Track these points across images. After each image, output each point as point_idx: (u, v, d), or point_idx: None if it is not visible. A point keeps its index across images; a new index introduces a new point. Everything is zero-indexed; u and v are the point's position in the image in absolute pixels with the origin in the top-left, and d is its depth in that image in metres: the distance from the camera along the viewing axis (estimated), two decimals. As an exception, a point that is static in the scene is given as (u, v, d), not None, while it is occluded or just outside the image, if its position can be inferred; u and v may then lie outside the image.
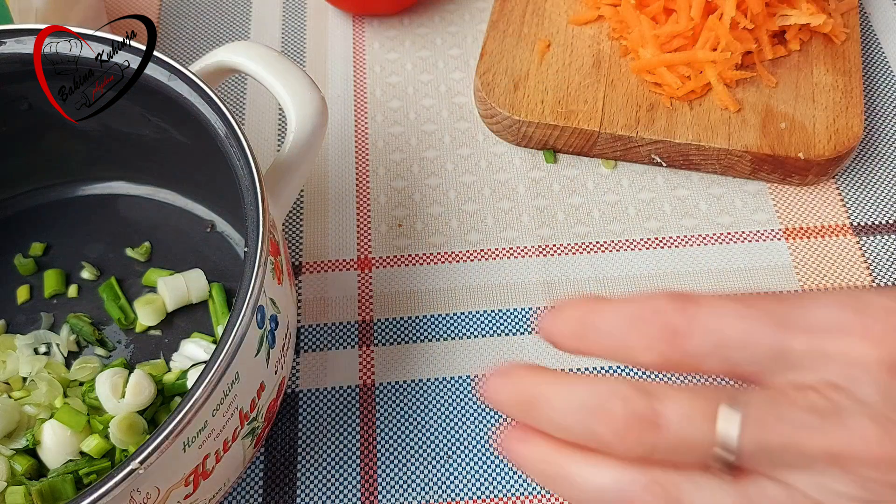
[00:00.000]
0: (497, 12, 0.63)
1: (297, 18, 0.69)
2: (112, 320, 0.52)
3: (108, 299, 0.52)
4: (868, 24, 0.68)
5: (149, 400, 0.46)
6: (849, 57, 0.61)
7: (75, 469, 0.45)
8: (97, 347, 0.51)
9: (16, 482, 0.45)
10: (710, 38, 0.58)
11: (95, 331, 0.51)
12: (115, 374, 0.47)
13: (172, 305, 0.51)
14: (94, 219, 0.55)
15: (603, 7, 0.63)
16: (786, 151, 0.56)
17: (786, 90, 0.59)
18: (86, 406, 0.47)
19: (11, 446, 0.46)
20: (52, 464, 0.46)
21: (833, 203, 0.58)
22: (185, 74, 0.43)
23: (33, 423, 0.47)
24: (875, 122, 0.63)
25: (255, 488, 0.49)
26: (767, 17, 0.60)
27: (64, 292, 0.53)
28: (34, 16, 0.57)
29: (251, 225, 0.39)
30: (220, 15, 0.70)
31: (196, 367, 0.48)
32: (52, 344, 0.51)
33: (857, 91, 0.59)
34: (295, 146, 0.45)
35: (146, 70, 0.44)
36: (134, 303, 0.52)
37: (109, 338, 0.51)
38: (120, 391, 0.46)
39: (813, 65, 0.60)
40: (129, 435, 0.45)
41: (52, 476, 0.45)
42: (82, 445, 0.46)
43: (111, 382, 0.46)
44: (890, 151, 0.61)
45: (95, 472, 0.45)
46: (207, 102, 0.42)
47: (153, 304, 0.51)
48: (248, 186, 0.40)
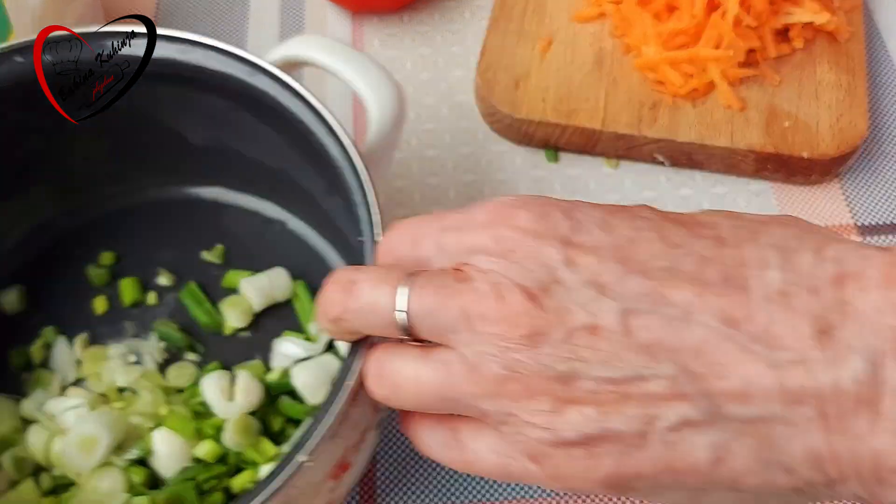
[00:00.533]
0: (498, 9, 0.62)
1: (295, 16, 0.67)
2: (196, 325, 0.49)
3: (192, 304, 0.49)
4: (872, 22, 0.66)
5: (259, 401, 0.45)
6: (853, 55, 0.60)
7: (193, 476, 0.43)
8: (188, 353, 0.48)
9: (136, 493, 0.43)
10: (713, 36, 0.56)
11: (185, 336, 0.48)
12: (219, 377, 0.45)
13: (259, 306, 0.49)
14: (160, 224, 0.52)
15: (605, 4, 0.62)
16: (789, 150, 0.55)
17: (789, 88, 0.58)
18: (190, 412, 0.45)
19: (124, 457, 0.44)
20: (166, 472, 0.44)
21: (837, 203, 0.57)
22: (268, 71, 0.42)
23: (141, 434, 0.44)
24: (879, 120, 0.61)
25: None
26: (771, 14, 0.58)
27: (143, 300, 0.50)
28: (30, 15, 0.53)
29: (364, 223, 0.38)
30: (217, 12, 0.67)
31: (298, 365, 0.46)
32: (143, 353, 0.48)
33: (861, 89, 0.58)
34: (377, 140, 0.44)
35: (229, 69, 0.42)
36: (219, 305, 0.49)
37: (198, 342, 0.49)
38: (228, 394, 0.44)
39: (817, 63, 0.60)
40: (245, 437, 0.44)
41: (173, 485, 0.43)
42: (195, 451, 0.44)
43: (219, 386, 0.44)
44: (894, 150, 0.60)
45: (215, 477, 0.43)
46: (295, 96, 0.41)
47: (240, 306, 0.49)
48: (354, 186, 0.39)
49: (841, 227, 0.56)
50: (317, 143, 0.41)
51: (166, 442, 0.44)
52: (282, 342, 0.48)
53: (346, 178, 0.39)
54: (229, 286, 0.50)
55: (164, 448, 0.43)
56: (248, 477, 0.44)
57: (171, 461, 0.44)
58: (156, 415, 0.45)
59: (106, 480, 0.43)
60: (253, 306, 0.49)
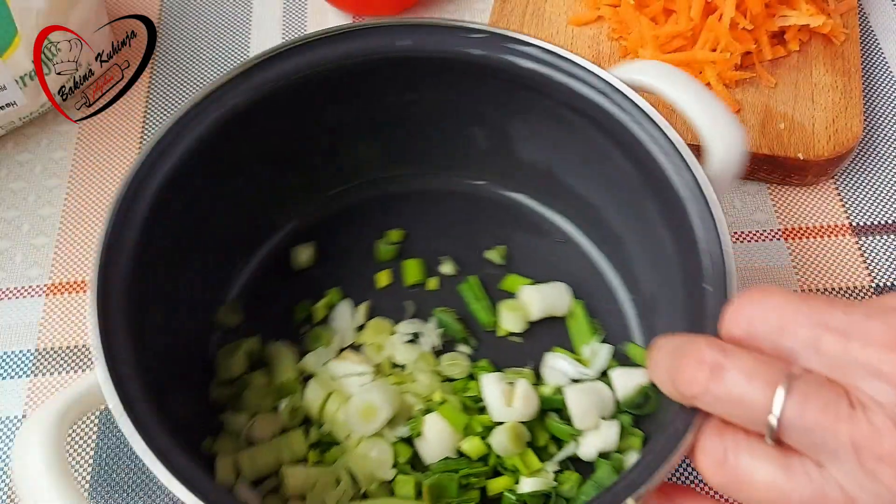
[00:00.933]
0: (497, 13, 0.62)
1: (297, 19, 0.68)
2: (472, 319, 0.50)
3: (472, 298, 0.49)
4: (867, 25, 0.66)
5: (535, 412, 0.44)
6: (848, 57, 0.60)
7: (456, 468, 0.43)
8: (461, 345, 0.49)
9: (400, 471, 0.43)
10: (710, 39, 0.57)
11: (463, 328, 0.49)
12: (500, 379, 0.45)
13: (536, 315, 0.49)
14: (451, 214, 0.53)
15: (602, 7, 0.62)
16: (785, 152, 0.55)
17: (785, 90, 0.58)
18: (460, 404, 0.45)
19: (394, 433, 0.44)
20: (428, 458, 0.44)
21: (832, 203, 0.57)
22: (621, 91, 0.42)
23: (411, 413, 0.45)
24: (874, 122, 0.61)
25: None
26: (767, 17, 0.58)
27: (423, 283, 0.51)
28: (34, 16, 0.55)
29: (709, 270, 0.37)
30: (220, 15, 0.69)
31: (572, 387, 0.45)
32: (422, 335, 0.48)
33: (856, 91, 0.58)
34: (714, 165, 0.42)
35: (575, 84, 0.43)
36: (498, 305, 0.49)
37: (471, 336, 0.49)
38: (508, 398, 0.44)
39: (812, 65, 0.59)
40: (516, 444, 0.43)
41: (437, 473, 0.43)
42: (462, 445, 0.44)
43: (501, 388, 0.44)
44: (889, 151, 0.59)
45: (476, 475, 0.43)
46: (647, 120, 0.41)
47: (519, 312, 0.48)
48: (701, 225, 0.38)
49: (836, 228, 0.56)
50: (659, 172, 0.40)
51: (437, 428, 0.44)
52: (555, 357, 0.47)
53: (690, 215, 0.39)
54: (507, 289, 0.50)
55: (433, 434, 0.44)
56: (505, 483, 0.44)
57: (437, 448, 0.44)
58: (428, 398, 0.46)
59: (375, 450, 0.44)
60: (530, 314, 0.49)
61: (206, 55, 0.66)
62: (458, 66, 0.45)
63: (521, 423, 0.44)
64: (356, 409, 0.44)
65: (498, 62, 0.44)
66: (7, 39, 0.55)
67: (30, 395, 0.51)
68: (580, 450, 0.44)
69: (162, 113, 0.63)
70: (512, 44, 0.44)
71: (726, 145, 0.41)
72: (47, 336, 0.53)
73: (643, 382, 0.45)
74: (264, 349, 0.48)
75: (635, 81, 0.43)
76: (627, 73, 0.43)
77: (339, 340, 0.48)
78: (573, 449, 0.44)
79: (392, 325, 0.49)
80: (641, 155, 0.42)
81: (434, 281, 0.51)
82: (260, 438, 0.44)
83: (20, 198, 0.59)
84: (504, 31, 0.44)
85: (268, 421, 0.45)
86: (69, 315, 0.54)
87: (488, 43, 0.44)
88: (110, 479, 0.48)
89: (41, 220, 0.58)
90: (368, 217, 0.53)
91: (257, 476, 0.44)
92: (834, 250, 0.55)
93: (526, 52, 0.44)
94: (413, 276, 0.51)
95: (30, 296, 0.55)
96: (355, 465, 0.43)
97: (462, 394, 0.46)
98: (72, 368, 0.52)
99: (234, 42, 0.67)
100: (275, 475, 0.44)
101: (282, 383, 0.46)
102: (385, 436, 0.44)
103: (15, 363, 0.52)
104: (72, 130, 0.62)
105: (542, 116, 0.46)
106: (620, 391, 0.45)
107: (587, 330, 0.48)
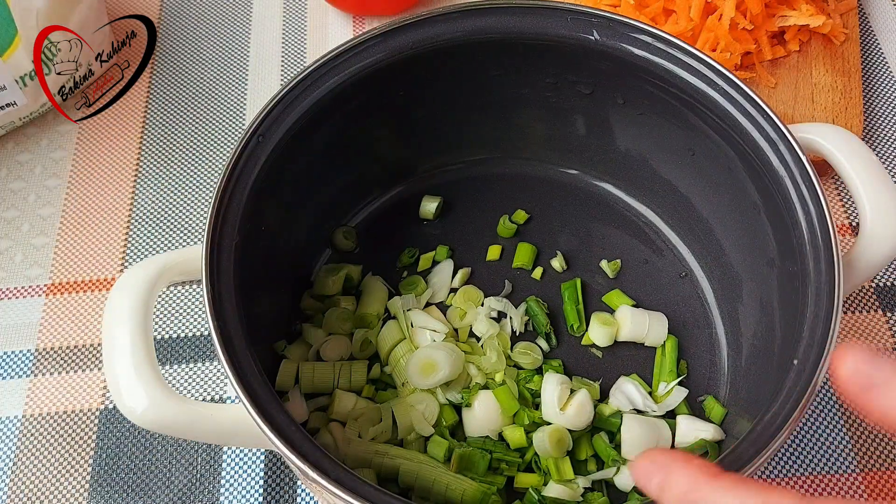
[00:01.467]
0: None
1: (297, 18, 0.66)
2: (560, 318, 0.50)
3: (568, 300, 0.49)
4: (867, 25, 0.64)
5: (585, 425, 0.44)
6: (848, 58, 0.57)
7: (492, 449, 0.44)
8: (541, 339, 0.49)
9: (439, 432, 0.45)
10: (710, 39, 0.56)
11: (549, 323, 0.49)
12: (562, 381, 0.45)
13: (625, 338, 0.48)
14: (580, 212, 0.53)
15: (602, 7, 0.63)
16: None
17: (785, 91, 0.57)
18: (518, 392, 0.46)
19: (446, 395, 0.45)
20: (470, 431, 0.45)
21: (832, 203, 0.56)
22: (787, 139, 0.40)
23: (468, 383, 0.46)
24: (874, 122, 0.59)
25: (255, 486, 0.47)
26: (767, 17, 0.57)
27: (529, 269, 0.51)
28: (34, 16, 0.54)
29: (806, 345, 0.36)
30: (220, 15, 0.67)
31: (632, 415, 0.45)
32: (509, 316, 0.49)
33: (856, 92, 0.57)
34: (861, 254, 0.40)
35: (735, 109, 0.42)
36: (592, 315, 0.49)
37: (554, 336, 0.49)
38: (563, 401, 0.44)
39: (812, 65, 0.56)
40: (556, 449, 0.43)
41: (473, 446, 0.44)
42: (505, 430, 0.44)
43: (559, 390, 0.44)
44: (889, 151, 0.58)
45: (508, 464, 0.44)
46: (804, 180, 0.40)
47: (609, 327, 0.48)
48: (813, 293, 0.37)
49: (836, 228, 0.56)
50: (797, 228, 0.39)
51: (487, 406, 0.45)
52: (627, 383, 0.47)
53: (809, 279, 0.37)
54: (606, 302, 0.50)
55: (482, 410, 0.45)
56: (533, 481, 0.44)
57: (482, 424, 0.45)
58: (490, 376, 0.46)
59: (423, 404, 0.45)
60: (620, 334, 0.48)
61: (206, 55, 0.65)
62: (575, 51, 0.45)
63: (568, 430, 0.44)
64: (418, 362, 0.45)
65: (613, 49, 0.44)
66: (7, 39, 0.55)
67: (29, 395, 0.51)
68: (618, 477, 0.44)
69: (162, 113, 0.62)
70: (629, 31, 0.44)
71: (886, 233, 0.39)
72: (47, 336, 0.53)
73: (706, 437, 0.44)
74: (362, 279, 0.50)
75: (810, 141, 0.42)
76: (803, 131, 0.42)
77: (430, 294, 0.50)
78: (611, 474, 0.44)
79: (482, 296, 0.50)
80: (783, 200, 0.40)
81: (539, 271, 0.51)
82: (328, 357, 0.47)
83: (20, 198, 0.59)
84: (622, 16, 0.44)
85: (340, 344, 0.47)
86: (69, 315, 0.54)
87: (605, 28, 0.44)
88: (110, 479, 0.48)
89: (41, 220, 0.58)
90: (500, 191, 0.54)
91: (312, 390, 0.46)
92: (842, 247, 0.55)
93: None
94: (522, 259, 0.51)
95: (30, 296, 0.55)
96: (400, 411, 0.45)
97: (524, 383, 0.46)
98: (72, 368, 0.52)
99: (234, 42, 0.66)
100: (327, 396, 0.46)
101: (364, 314, 0.48)
102: (437, 395, 0.45)
103: (15, 363, 0.52)
104: (72, 130, 0.62)
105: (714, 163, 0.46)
106: (680, 437, 0.44)
107: (671, 368, 0.47)
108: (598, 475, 0.44)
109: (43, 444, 0.49)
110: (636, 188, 0.53)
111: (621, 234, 0.52)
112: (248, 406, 0.35)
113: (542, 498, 0.43)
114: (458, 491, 0.42)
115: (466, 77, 0.48)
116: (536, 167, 0.54)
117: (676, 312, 0.49)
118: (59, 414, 0.50)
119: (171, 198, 0.58)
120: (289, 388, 0.46)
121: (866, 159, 0.40)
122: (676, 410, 0.46)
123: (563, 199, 0.54)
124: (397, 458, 0.43)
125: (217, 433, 0.37)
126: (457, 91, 0.49)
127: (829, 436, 0.49)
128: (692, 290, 0.50)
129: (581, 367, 0.48)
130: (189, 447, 0.49)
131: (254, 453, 0.48)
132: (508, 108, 0.51)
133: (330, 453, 0.34)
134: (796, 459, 0.48)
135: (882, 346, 0.51)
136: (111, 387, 0.36)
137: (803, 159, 0.39)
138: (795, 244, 0.39)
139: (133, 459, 0.49)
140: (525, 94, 0.50)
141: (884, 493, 0.47)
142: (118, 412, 0.48)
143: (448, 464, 0.43)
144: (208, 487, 0.47)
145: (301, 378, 0.46)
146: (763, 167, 0.41)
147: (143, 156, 0.60)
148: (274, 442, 0.34)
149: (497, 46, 0.46)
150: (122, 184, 0.59)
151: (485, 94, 0.50)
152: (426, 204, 0.53)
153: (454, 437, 0.45)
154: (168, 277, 0.39)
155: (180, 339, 0.52)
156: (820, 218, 0.38)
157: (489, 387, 0.46)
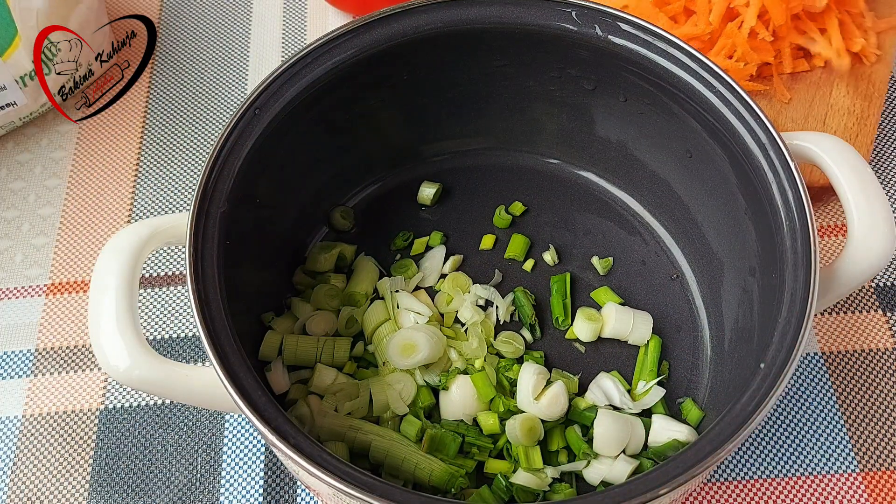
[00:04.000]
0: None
1: (297, 18, 0.66)
2: (546, 311, 0.50)
3: (556, 293, 0.50)
4: None
5: (559, 416, 0.45)
6: (874, 80, 0.54)
7: (465, 433, 0.45)
8: (525, 330, 0.49)
9: (414, 413, 0.45)
10: (727, 46, 0.54)
11: (534, 315, 0.49)
12: (539, 371, 0.45)
13: (609, 335, 0.48)
14: (576, 208, 0.53)
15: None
16: None
17: (798, 108, 0.53)
18: (496, 380, 0.46)
19: (424, 377, 0.46)
20: (445, 414, 0.46)
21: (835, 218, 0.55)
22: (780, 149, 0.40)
23: (447, 367, 0.47)
24: (885, 148, 0.57)
25: (255, 486, 0.47)
26: (793, 30, 0.55)
27: (521, 261, 0.52)
28: (34, 16, 0.54)
29: (774, 350, 0.36)
30: (220, 15, 0.67)
31: (607, 410, 0.45)
32: (495, 304, 0.50)
33: (873, 119, 0.52)
34: (842, 272, 0.40)
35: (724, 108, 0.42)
36: (577, 310, 0.49)
37: (538, 327, 0.49)
38: (538, 391, 0.45)
39: (834, 84, 0.54)
40: (527, 437, 0.44)
41: (446, 429, 0.45)
42: (479, 416, 0.45)
43: (535, 379, 0.45)
44: (893, 179, 0.57)
45: (480, 448, 0.44)
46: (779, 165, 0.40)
47: (594, 323, 0.48)
48: (788, 301, 0.37)
49: (836, 229, 0.54)
50: (780, 233, 0.39)
51: (464, 391, 0.45)
52: (606, 378, 0.47)
53: (786, 285, 0.37)
54: (594, 299, 0.50)
55: (459, 394, 0.45)
56: (503, 467, 0.44)
57: (457, 408, 0.45)
58: (470, 362, 0.47)
59: (401, 384, 0.46)
60: (604, 331, 0.48)
61: (206, 55, 0.66)
62: (551, 40, 0.45)
63: (541, 420, 0.44)
64: (398, 342, 0.46)
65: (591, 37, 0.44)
66: (7, 39, 0.55)
67: (29, 395, 0.51)
68: (587, 471, 0.44)
69: (162, 113, 0.62)
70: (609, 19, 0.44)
71: (873, 245, 0.39)
72: (47, 336, 0.54)
73: (680, 438, 0.44)
74: (355, 259, 0.51)
75: (804, 149, 0.42)
76: (796, 138, 0.42)
77: (420, 278, 0.51)
78: (581, 466, 0.44)
79: (470, 283, 0.50)
80: (767, 203, 0.40)
81: (530, 263, 0.52)
82: (313, 332, 0.48)
83: (20, 198, 0.59)
84: (602, 6, 0.44)
85: (326, 319, 0.48)
86: (69, 315, 0.54)
87: (585, 17, 0.44)
88: (110, 479, 0.49)
89: (41, 220, 0.58)
90: (501, 182, 0.54)
91: (294, 362, 0.47)
92: (833, 251, 0.53)
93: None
94: (514, 250, 0.52)
95: (30, 296, 0.55)
96: (378, 389, 0.46)
97: (503, 371, 0.47)
98: (71, 368, 0.52)
99: (234, 42, 0.66)
100: (310, 370, 0.47)
101: (353, 292, 0.49)
102: (416, 376, 0.46)
103: (15, 363, 0.53)
104: (72, 130, 0.62)
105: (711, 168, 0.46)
106: (654, 436, 0.45)
107: (651, 367, 0.47)
108: (568, 467, 0.44)
109: (43, 444, 0.50)
110: (637, 189, 0.53)
111: (617, 232, 0.53)
112: (217, 366, 0.35)
113: (509, 484, 0.43)
114: (426, 470, 0.43)
115: (471, 65, 0.48)
116: (540, 162, 0.55)
117: (664, 314, 0.49)
118: (59, 414, 0.50)
119: (171, 198, 0.59)
120: (272, 359, 0.47)
121: (859, 168, 0.40)
122: (653, 410, 0.46)
123: (560, 195, 0.54)
124: (370, 434, 0.44)
125: (192, 393, 0.38)
126: (462, 78, 0.49)
127: (829, 436, 0.49)
128: (682, 293, 0.50)
129: (563, 360, 0.49)
130: (189, 447, 0.49)
131: (254, 453, 0.49)
132: (517, 100, 0.51)
133: (305, 424, 0.35)
134: (796, 459, 0.48)
135: (882, 345, 0.51)
136: (95, 346, 0.37)
137: (791, 165, 0.39)
138: (777, 250, 0.39)
139: (133, 459, 0.49)
140: (531, 87, 0.50)
141: (884, 494, 0.47)
142: (118, 412, 0.50)
143: (420, 444, 0.44)
144: (208, 487, 0.48)
145: (284, 350, 0.47)
146: (753, 171, 0.41)
147: (143, 156, 0.60)
148: (237, 403, 0.35)
149: (500, 36, 0.46)
150: (122, 184, 0.59)
151: (490, 84, 0.50)
152: (424, 189, 0.54)
153: (430, 420, 0.46)
154: (157, 241, 0.40)
155: (180, 339, 0.52)
156: (802, 224, 0.38)
157: (468, 372, 0.46)
